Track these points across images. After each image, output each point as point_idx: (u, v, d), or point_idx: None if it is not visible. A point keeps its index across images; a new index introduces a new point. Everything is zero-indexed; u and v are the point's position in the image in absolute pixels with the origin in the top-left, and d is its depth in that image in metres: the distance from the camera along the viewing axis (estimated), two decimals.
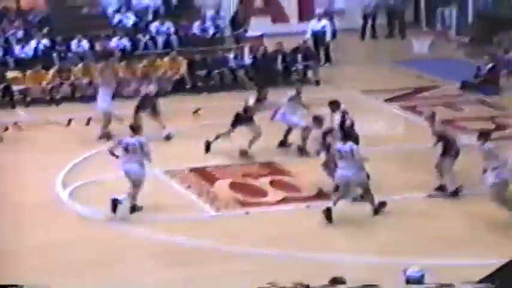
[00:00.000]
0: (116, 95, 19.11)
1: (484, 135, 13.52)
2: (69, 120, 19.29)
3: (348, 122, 14.84)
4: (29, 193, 15.24)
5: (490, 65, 21.46)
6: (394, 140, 17.66)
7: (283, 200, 14.74)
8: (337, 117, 15.05)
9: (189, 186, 15.38)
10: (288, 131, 16.97)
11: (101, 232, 13.60)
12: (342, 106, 15.35)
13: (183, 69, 22.07)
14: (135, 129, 14.35)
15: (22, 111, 20.55)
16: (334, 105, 15.34)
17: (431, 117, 14.81)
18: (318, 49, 24.26)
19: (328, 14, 25.71)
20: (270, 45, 23.05)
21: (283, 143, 17.04)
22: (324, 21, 24.63)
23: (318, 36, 24.40)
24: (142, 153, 14.00)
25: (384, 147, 16.74)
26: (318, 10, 25.73)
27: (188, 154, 14.94)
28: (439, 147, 14.59)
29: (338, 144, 13.95)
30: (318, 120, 15.30)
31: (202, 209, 14.52)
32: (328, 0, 26.78)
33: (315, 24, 24.60)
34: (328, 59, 24.42)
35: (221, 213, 14.32)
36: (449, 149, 14.47)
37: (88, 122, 19.11)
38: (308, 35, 24.33)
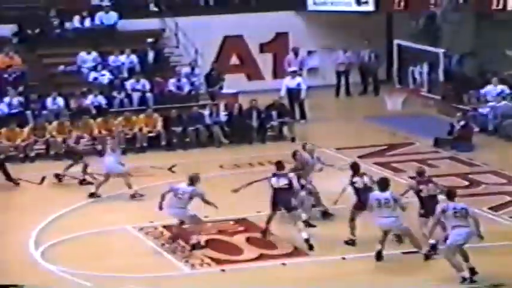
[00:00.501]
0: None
1: (451, 195, 13.38)
2: (43, 178, 19.20)
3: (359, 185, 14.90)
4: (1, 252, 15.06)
5: (463, 122, 21.72)
6: None
7: (259, 257, 14.68)
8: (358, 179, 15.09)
9: (164, 243, 15.29)
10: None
11: None
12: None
13: (159, 126, 22.13)
14: (193, 179, 14.85)
15: None
16: (354, 167, 15.41)
17: (422, 173, 14.91)
18: (292, 106, 24.44)
19: (301, 71, 25.97)
20: (245, 102, 23.18)
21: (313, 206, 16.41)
22: (299, 79, 24.85)
23: (293, 93, 24.59)
24: (189, 202, 14.76)
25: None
26: (293, 67, 25.95)
27: (163, 211, 14.96)
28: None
29: (375, 193, 14.05)
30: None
31: (177, 267, 14.42)
32: (302, 57, 27.00)
33: (289, 81, 24.81)
34: (303, 115, 24.58)
35: (196, 271, 14.22)
36: (421, 206, 14.54)
37: (60, 180, 19.02)
38: (283, 92, 24.52)
